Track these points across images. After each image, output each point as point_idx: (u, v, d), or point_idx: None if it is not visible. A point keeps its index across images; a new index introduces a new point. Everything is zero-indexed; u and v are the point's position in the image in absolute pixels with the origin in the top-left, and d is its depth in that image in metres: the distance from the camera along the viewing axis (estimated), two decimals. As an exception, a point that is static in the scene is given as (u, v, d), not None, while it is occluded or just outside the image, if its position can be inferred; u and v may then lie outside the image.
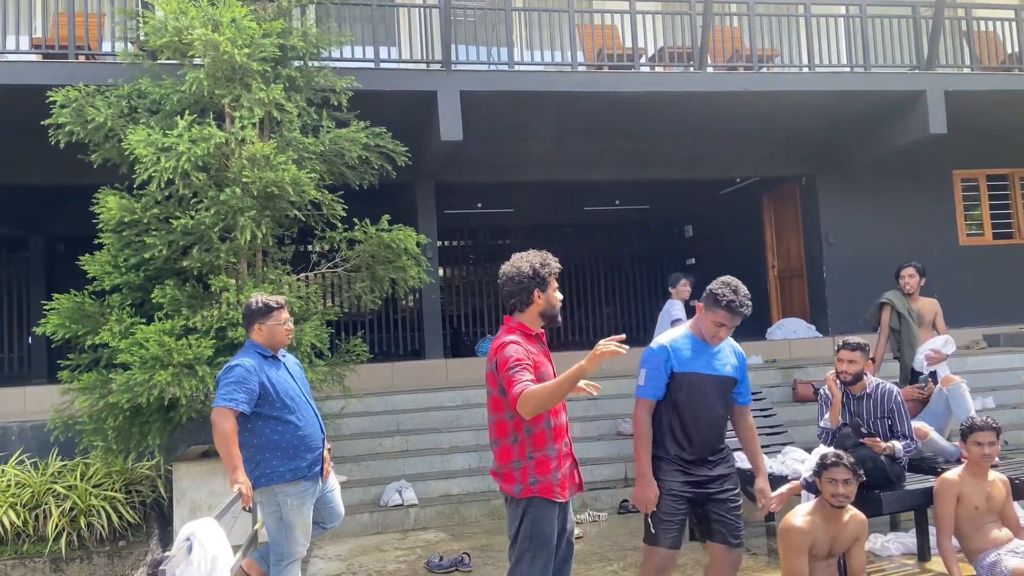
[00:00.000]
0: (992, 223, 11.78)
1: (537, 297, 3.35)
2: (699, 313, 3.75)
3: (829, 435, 5.16)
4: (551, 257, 3.44)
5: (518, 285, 3.34)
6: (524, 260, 3.37)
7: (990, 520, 4.49)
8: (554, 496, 3.25)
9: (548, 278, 3.36)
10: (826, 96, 9.28)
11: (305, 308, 6.38)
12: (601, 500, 6.93)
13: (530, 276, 3.33)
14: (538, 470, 3.25)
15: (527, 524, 3.25)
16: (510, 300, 3.39)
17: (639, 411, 3.69)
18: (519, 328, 3.36)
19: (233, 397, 3.90)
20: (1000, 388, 8.69)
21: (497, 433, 3.31)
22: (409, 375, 9.65)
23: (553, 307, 3.39)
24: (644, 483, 3.62)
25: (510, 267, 3.39)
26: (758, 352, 10.15)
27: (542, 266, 3.36)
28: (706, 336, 3.70)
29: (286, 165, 5.97)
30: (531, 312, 3.37)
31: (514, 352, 3.23)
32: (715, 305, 3.64)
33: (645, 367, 3.69)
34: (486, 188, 12.03)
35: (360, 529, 6.39)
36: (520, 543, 3.25)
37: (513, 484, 3.27)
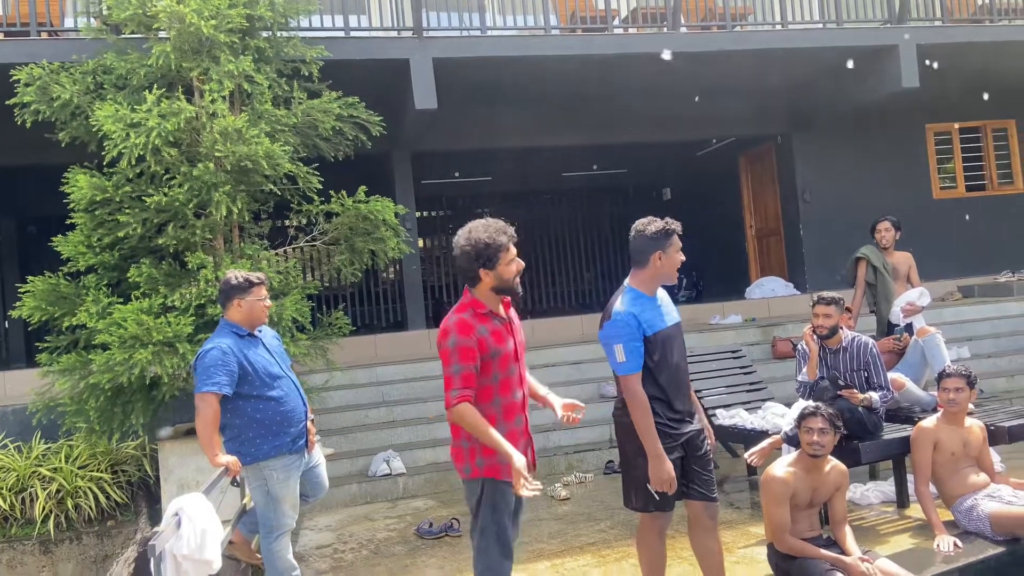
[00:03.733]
0: (965, 175, 11.89)
1: (484, 276, 3.19)
2: (657, 263, 3.49)
3: (807, 389, 5.24)
4: (503, 229, 3.22)
5: (464, 261, 3.21)
6: (471, 234, 3.19)
7: (967, 466, 4.61)
8: (501, 476, 3.19)
9: (496, 255, 3.16)
10: (799, 53, 9.26)
11: (285, 283, 6.35)
12: (587, 462, 7.02)
13: (473, 255, 3.17)
14: (484, 451, 3.20)
15: (487, 498, 3.24)
16: (461, 274, 3.28)
17: (632, 386, 3.40)
18: (471, 305, 3.22)
19: (215, 380, 3.87)
20: (975, 338, 8.86)
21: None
22: (392, 346, 9.65)
23: (506, 281, 3.20)
24: (659, 462, 3.38)
25: (458, 239, 3.23)
26: (737, 311, 10.26)
27: (487, 245, 3.15)
28: (666, 277, 3.53)
29: (259, 138, 5.89)
30: (482, 288, 3.23)
31: (455, 345, 3.11)
32: (670, 237, 3.51)
33: (620, 341, 3.38)
34: (463, 156, 11.95)
35: (349, 500, 6.44)
36: (482, 516, 3.25)
37: (462, 464, 3.26)
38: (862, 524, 4.88)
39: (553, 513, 5.75)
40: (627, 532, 5.16)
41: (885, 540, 4.59)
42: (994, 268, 11.09)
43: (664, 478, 3.38)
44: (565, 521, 5.54)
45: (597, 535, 5.16)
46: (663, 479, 3.38)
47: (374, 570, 4.82)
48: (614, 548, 4.86)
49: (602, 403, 7.76)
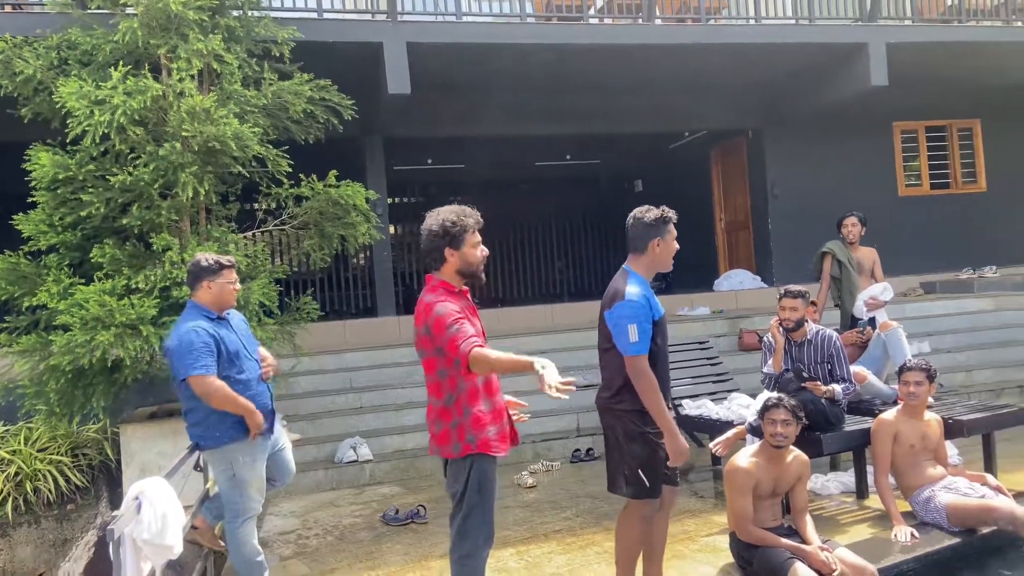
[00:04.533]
0: (930, 174, 12.11)
1: (449, 255, 3.24)
2: (656, 249, 3.61)
3: (772, 380, 5.32)
4: (469, 212, 3.28)
5: (430, 243, 3.25)
6: (439, 216, 3.24)
7: (925, 458, 4.71)
8: (493, 451, 3.26)
9: (462, 235, 3.22)
10: (772, 48, 9.34)
11: (252, 266, 6.27)
12: (554, 450, 7.06)
13: (440, 235, 3.22)
14: (474, 427, 3.23)
15: (474, 479, 3.25)
16: (426, 258, 3.31)
17: (642, 366, 3.44)
18: (442, 286, 3.26)
19: (203, 364, 3.82)
20: (936, 333, 9.05)
21: (436, 393, 3.27)
22: (362, 333, 9.59)
23: (471, 264, 3.26)
24: (675, 437, 3.44)
25: (426, 222, 3.27)
26: (706, 303, 10.35)
27: (454, 224, 3.21)
28: (663, 264, 3.65)
29: (227, 119, 5.79)
30: (447, 270, 3.27)
31: (446, 310, 3.14)
32: (667, 224, 3.63)
33: (634, 322, 3.43)
34: (437, 143, 11.89)
35: (315, 486, 6.41)
36: (469, 498, 3.26)
37: (450, 444, 3.26)
38: (822, 514, 4.97)
39: (519, 501, 5.78)
40: (592, 520, 5.20)
41: (844, 530, 4.68)
42: (956, 265, 11.32)
43: (682, 450, 3.45)
44: (531, 509, 5.56)
45: (562, 523, 5.19)
46: (681, 452, 3.45)
47: (338, 556, 4.81)
48: (579, 536, 4.90)
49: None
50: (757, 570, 3.90)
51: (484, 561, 3.36)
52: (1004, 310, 9.61)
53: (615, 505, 5.47)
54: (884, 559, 4.07)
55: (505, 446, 3.35)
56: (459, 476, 3.28)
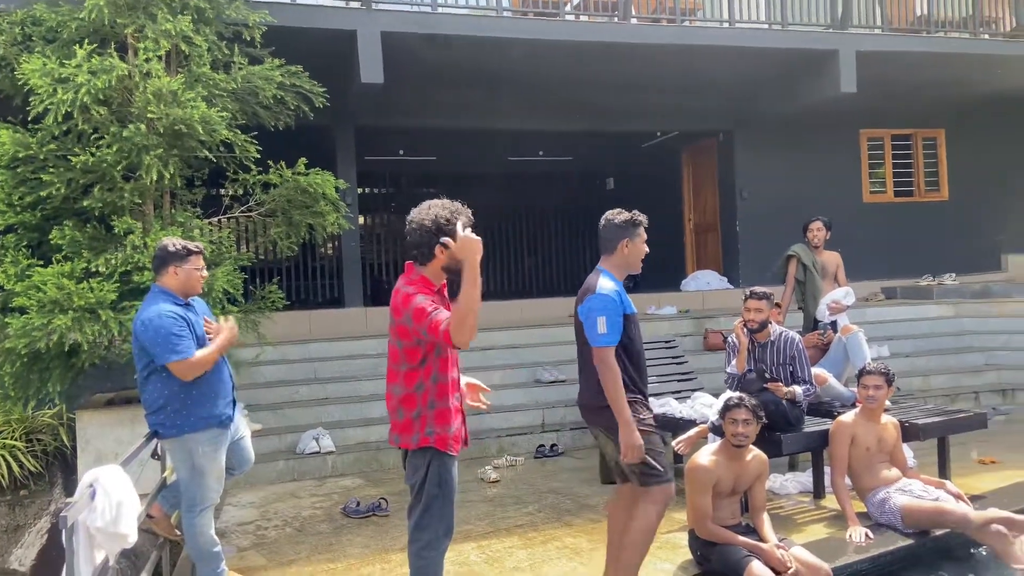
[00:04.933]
0: (894, 181, 12.32)
1: (439, 252, 3.21)
2: (625, 250, 3.73)
3: (735, 380, 5.37)
4: (462, 210, 3.27)
5: (421, 237, 3.22)
6: (431, 211, 3.22)
7: (881, 460, 4.80)
8: (447, 448, 3.25)
9: (454, 233, 3.20)
10: (745, 52, 9.42)
11: (217, 253, 6.17)
12: (519, 445, 7.07)
13: (433, 231, 3.19)
14: (437, 421, 3.23)
15: (434, 472, 3.24)
16: (414, 249, 3.27)
17: (608, 358, 3.55)
18: (420, 281, 3.24)
19: (185, 346, 3.75)
20: (895, 338, 9.22)
21: (406, 382, 3.25)
22: (328, 323, 9.51)
23: (458, 262, 3.21)
24: (630, 429, 3.52)
25: (417, 214, 3.25)
26: (672, 303, 10.43)
27: (447, 222, 3.19)
28: (634, 267, 3.77)
29: (195, 102, 5.69)
30: (433, 266, 3.25)
31: (425, 299, 3.14)
32: (637, 227, 3.75)
33: (604, 314, 3.54)
34: (409, 134, 11.82)
35: (275, 476, 6.34)
36: (428, 490, 3.24)
37: (411, 434, 3.24)
38: (780, 513, 5.04)
39: (482, 495, 5.77)
40: (554, 515, 5.22)
41: (801, 529, 4.75)
42: (916, 272, 11.53)
43: (635, 444, 3.52)
44: (493, 503, 5.56)
45: (525, 518, 5.19)
46: (634, 445, 3.52)
47: (297, 548, 4.76)
48: (540, 530, 4.91)
49: (536, 387, 7.82)
50: (715, 567, 3.94)
51: (442, 554, 3.36)
52: (962, 317, 9.83)
53: (578, 500, 5.51)
54: (839, 558, 4.14)
55: (458, 446, 3.34)
56: (418, 468, 3.27)
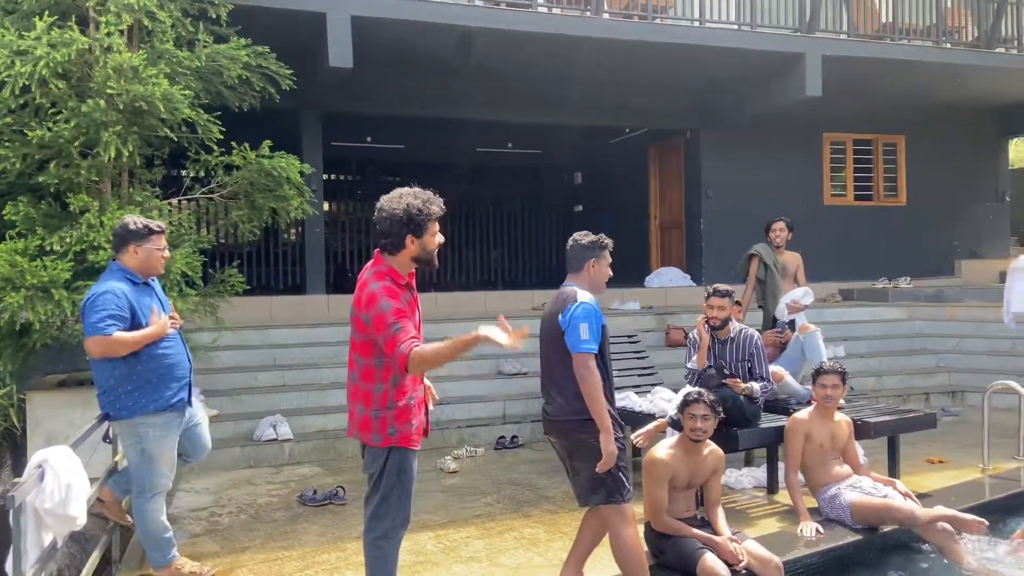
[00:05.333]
0: (854, 185, 12.56)
1: (410, 243, 3.16)
2: (591, 269, 3.71)
3: (695, 376, 5.43)
4: (434, 200, 3.21)
5: (391, 226, 3.16)
6: (403, 200, 3.16)
7: (833, 457, 4.89)
8: (411, 445, 3.25)
9: (425, 223, 3.16)
10: (714, 52, 9.51)
11: (176, 235, 6.06)
12: (479, 436, 7.07)
13: (404, 221, 3.13)
14: (398, 420, 3.21)
15: (393, 463, 3.23)
16: (383, 238, 3.20)
17: (591, 364, 3.49)
18: (389, 274, 3.18)
19: (102, 325, 3.65)
20: (851, 338, 9.40)
21: (363, 377, 3.22)
22: (289, 310, 9.42)
23: (428, 252, 3.21)
24: (611, 437, 3.47)
25: (388, 203, 3.18)
26: (636, 298, 10.51)
27: (419, 212, 3.14)
28: (599, 288, 3.73)
29: (157, 79, 5.56)
30: (402, 256, 3.20)
31: (389, 307, 3.06)
32: (603, 249, 3.74)
33: (587, 321, 3.51)
34: (377, 121, 11.72)
35: (231, 463, 6.26)
36: (386, 480, 3.23)
37: (371, 433, 3.22)
38: (735, 507, 5.12)
39: (441, 485, 5.77)
40: (512, 506, 5.23)
41: (754, 523, 4.82)
42: (873, 274, 11.78)
43: (613, 453, 3.47)
44: (451, 493, 5.56)
45: (483, 508, 5.20)
46: (614, 452, 3.47)
47: (252, 535, 4.70)
48: (498, 521, 4.92)
49: (498, 379, 7.83)
50: (669, 559, 3.99)
51: (398, 543, 3.35)
52: (915, 320, 10.06)
53: (537, 492, 5.53)
54: (789, 552, 4.22)
55: (420, 439, 3.34)
56: (377, 459, 3.25)
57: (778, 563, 3.92)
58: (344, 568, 4.16)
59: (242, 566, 4.20)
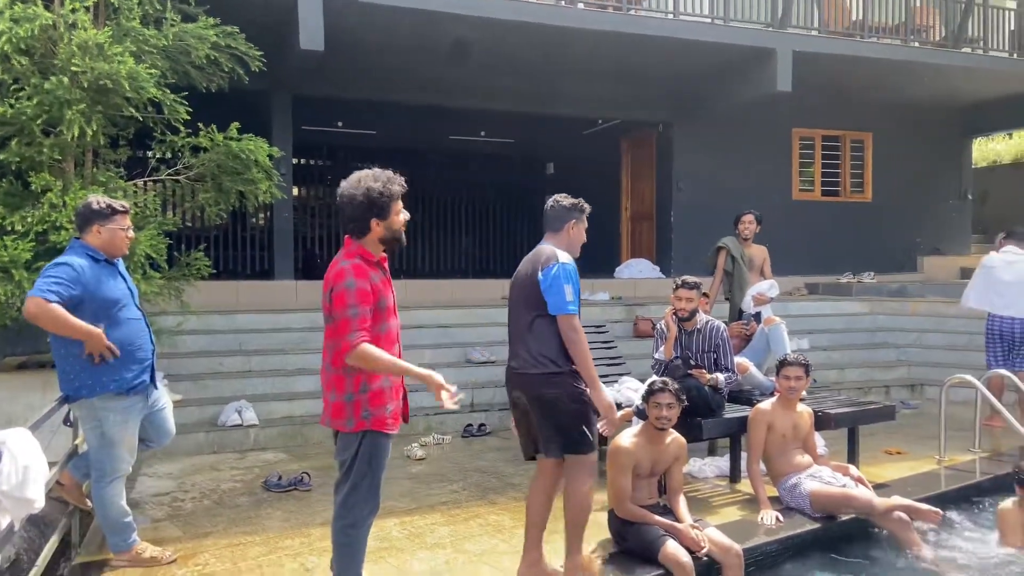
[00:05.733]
0: (822, 180, 12.73)
1: (375, 225, 3.17)
2: (571, 231, 3.78)
3: (662, 366, 5.49)
4: (394, 179, 3.21)
5: (354, 211, 3.16)
6: (362, 184, 3.15)
7: (794, 447, 4.98)
8: (386, 429, 3.25)
9: (388, 205, 3.16)
10: (687, 45, 9.55)
11: (141, 216, 5.96)
12: (447, 424, 7.07)
13: (366, 205, 3.14)
14: (371, 403, 3.20)
15: (365, 451, 3.22)
16: (348, 224, 3.20)
17: (578, 325, 3.54)
18: (359, 253, 3.19)
19: (52, 290, 3.55)
20: (815, 331, 9.56)
21: (333, 362, 3.20)
22: (256, 295, 9.32)
23: (395, 232, 3.22)
24: (602, 392, 3.59)
25: (348, 188, 3.17)
26: (606, 289, 10.57)
27: (380, 195, 3.14)
28: (574, 250, 3.79)
29: (123, 57, 5.45)
30: (370, 239, 3.20)
31: (354, 287, 3.07)
32: (582, 212, 3.83)
33: (570, 283, 3.54)
34: (348, 106, 11.60)
35: (195, 448, 6.20)
36: (358, 469, 3.22)
37: (344, 419, 3.20)
38: (697, 495, 5.19)
39: (407, 472, 5.77)
40: (478, 493, 5.25)
41: (716, 511, 4.90)
42: (838, 269, 11.97)
43: (608, 404, 3.62)
44: (418, 480, 5.56)
45: (449, 495, 5.21)
46: (608, 406, 3.62)
47: (215, 520, 4.67)
48: (464, 508, 4.93)
49: (466, 367, 7.83)
50: (632, 546, 4.04)
51: (367, 531, 3.35)
52: (877, 314, 10.25)
53: (503, 479, 5.55)
54: (749, 540, 4.29)
55: (397, 423, 3.33)
56: (350, 446, 3.23)
57: (738, 550, 3.99)
58: (308, 554, 4.15)
59: (204, 551, 4.16)
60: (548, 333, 3.58)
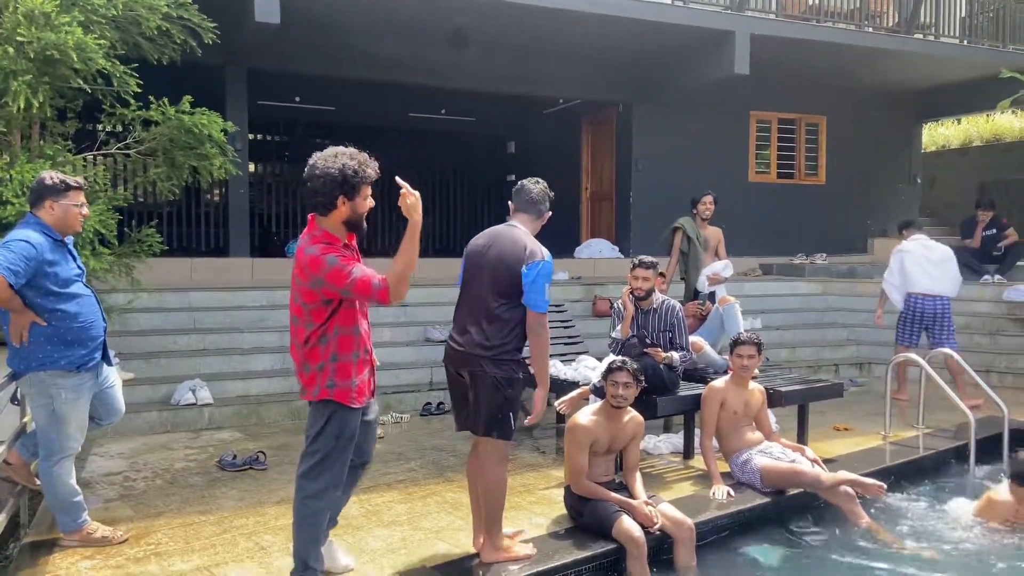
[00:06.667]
0: (778, 163, 12.92)
1: (341, 204, 3.13)
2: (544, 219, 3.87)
3: (619, 345, 5.55)
4: (370, 163, 3.19)
5: (323, 186, 3.10)
6: (338, 159, 3.11)
7: (746, 424, 5.09)
8: (349, 402, 3.26)
9: (359, 186, 3.13)
10: (646, 26, 9.56)
11: (90, 191, 5.81)
12: (405, 403, 7.07)
13: (338, 181, 3.09)
14: (338, 374, 3.23)
15: (334, 426, 3.24)
16: (314, 197, 3.14)
17: (546, 323, 3.66)
18: (324, 238, 3.17)
19: (12, 268, 3.48)
20: (769, 311, 9.74)
21: (312, 338, 3.22)
22: (211, 272, 9.17)
23: (359, 216, 3.20)
24: (546, 390, 3.76)
25: (322, 161, 3.12)
26: (565, 269, 10.61)
27: (355, 173, 3.11)
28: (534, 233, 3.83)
29: (70, 27, 5.29)
30: (334, 218, 3.17)
31: (336, 260, 3.10)
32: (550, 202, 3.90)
33: (548, 281, 3.61)
34: (306, 81, 11.40)
35: (147, 428, 6.11)
36: (324, 442, 3.24)
37: (313, 387, 3.24)
38: (652, 472, 5.28)
39: (364, 450, 5.76)
40: (435, 471, 5.27)
41: (670, 487, 4.99)
42: (791, 250, 12.20)
43: (542, 410, 3.84)
44: (376, 459, 5.46)
45: (406, 474, 5.23)
46: (541, 408, 3.81)
47: (167, 500, 4.62)
48: (421, 486, 4.96)
49: (426, 346, 7.83)
50: (587, 522, 4.10)
51: (328, 504, 3.37)
52: (828, 295, 10.48)
53: (461, 457, 5.57)
54: (701, 514, 4.39)
55: (362, 398, 3.33)
56: (318, 419, 3.26)
57: (690, 524, 4.08)
58: (263, 532, 4.13)
59: (157, 531, 4.12)
60: (513, 322, 3.61)
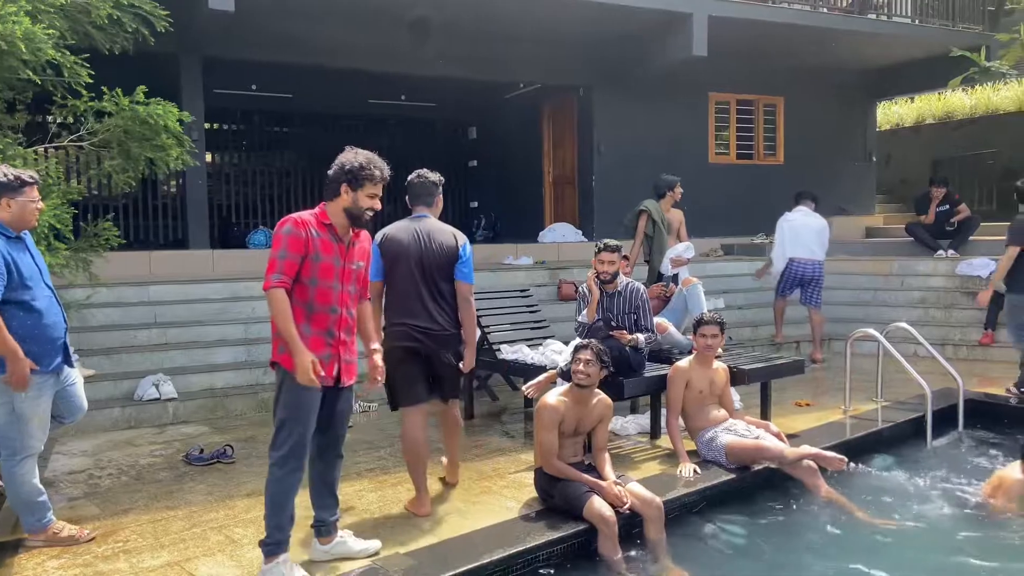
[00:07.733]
0: (737, 144, 13.06)
1: (344, 192, 3.44)
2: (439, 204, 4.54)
3: (585, 329, 5.60)
4: (382, 165, 3.53)
5: (333, 174, 3.48)
6: (351, 156, 3.49)
7: (711, 403, 5.18)
8: (289, 368, 3.33)
9: (363, 181, 3.45)
10: (604, 8, 9.58)
11: (43, 185, 5.66)
12: (374, 392, 7.02)
13: (345, 170, 3.45)
14: None
15: (285, 397, 3.40)
16: (328, 186, 3.50)
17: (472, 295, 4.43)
18: (317, 214, 3.45)
19: None
20: (731, 291, 9.89)
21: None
22: (170, 265, 9.03)
23: (359, 208, 3.47)
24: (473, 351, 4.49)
25: (340, 157, 3.52)
26: (530, 253, 10.66)
27: (362, 168, 3.45)
28: None
29: (17, 16, 5.12)
30: (336, 205, 3.47)
31: (289, 233, 3.33)
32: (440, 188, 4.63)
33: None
34: (263, 69, 11.21)
35: (110, 424, 6.02)
36: (281, 407, 3.41)
37: (277, 347, 3.43)
38: (620, 452, 5.36)
39: (333, 440, 5.74)
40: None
41: (638, 467, 5.07)
42: (752, 230, 12.35)
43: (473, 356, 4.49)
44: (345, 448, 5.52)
45: (376, 462, 5.23)
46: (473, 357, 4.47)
47: (134, 496, 4.56)
48: (391, 474, 4.96)
49: (391, 334, 7.79)
50: (557, 503, 4.15)
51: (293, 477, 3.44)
52: (789, 273, 10.63)
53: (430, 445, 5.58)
54: (669, 492, 4.47)
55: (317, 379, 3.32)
56: (278, 386, 3.44)
57: (659, 503, 4.15)
58: (233, 526, 4.11)
59: (124, 528, 4.08)
60: (453, 300, 4.29)
